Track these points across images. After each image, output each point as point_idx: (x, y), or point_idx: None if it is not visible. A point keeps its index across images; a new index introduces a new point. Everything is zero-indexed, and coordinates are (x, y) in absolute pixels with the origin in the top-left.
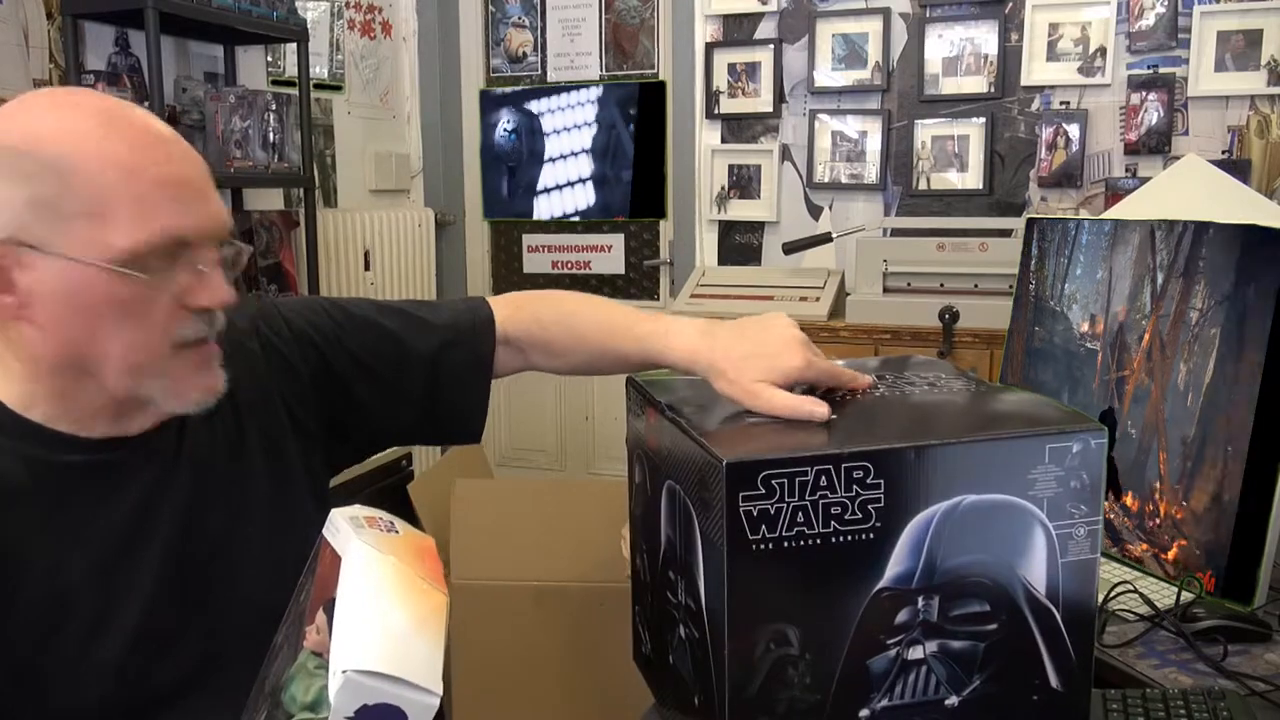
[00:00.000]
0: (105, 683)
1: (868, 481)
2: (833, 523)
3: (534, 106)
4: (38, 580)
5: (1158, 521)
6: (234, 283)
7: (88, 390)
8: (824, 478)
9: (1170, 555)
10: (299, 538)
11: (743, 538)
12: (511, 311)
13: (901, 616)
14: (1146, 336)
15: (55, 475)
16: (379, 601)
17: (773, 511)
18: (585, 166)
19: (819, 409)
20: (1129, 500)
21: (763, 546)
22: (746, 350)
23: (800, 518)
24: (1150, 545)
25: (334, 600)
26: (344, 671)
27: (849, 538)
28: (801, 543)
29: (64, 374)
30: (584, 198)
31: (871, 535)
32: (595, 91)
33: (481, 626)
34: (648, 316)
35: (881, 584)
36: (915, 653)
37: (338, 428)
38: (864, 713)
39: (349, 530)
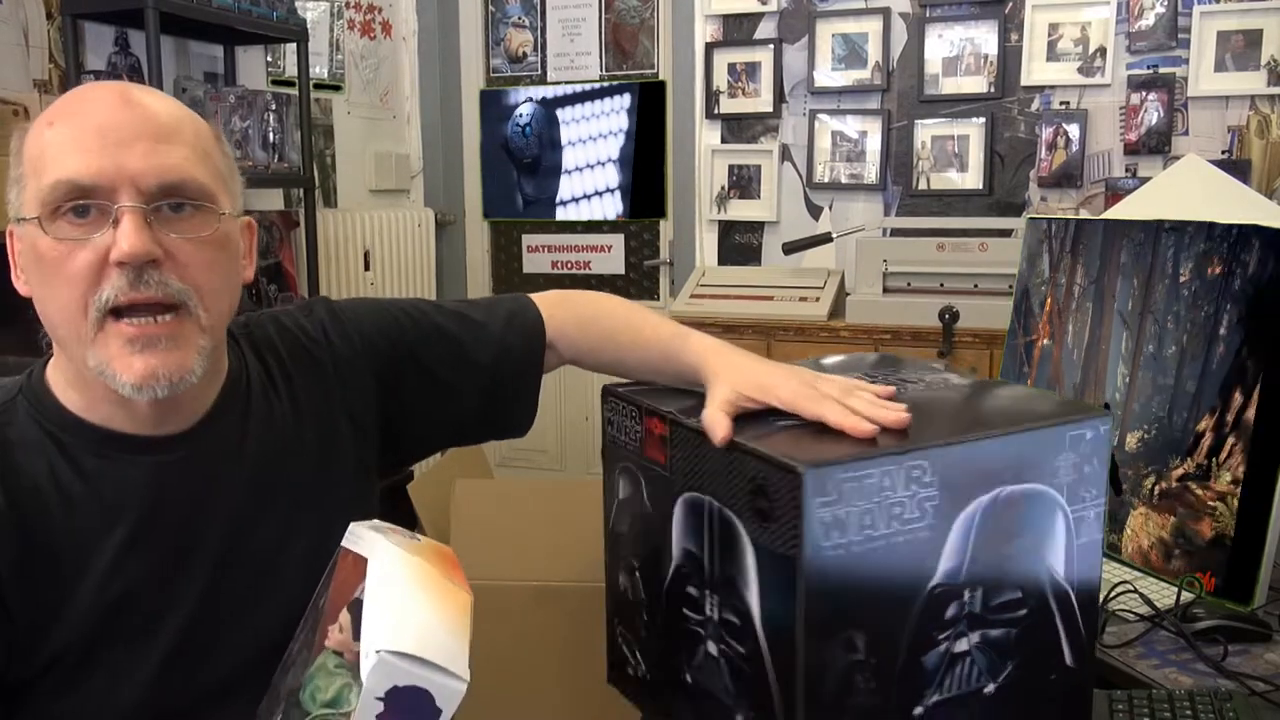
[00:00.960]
0: (147, 686)
1: (924, 479)
2: (894, 523)
3: (538, 106)
4: (96, 586)
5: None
6: (190, 255)
7: (72, 368)
8: (887, 478)
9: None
10: (333, 544)
11: (816, 545)
12: (555, 311)
13: (950, 611)
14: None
15: (114, 479)
16: (408, 593)
17: (844, 516)
18: (584, 166)
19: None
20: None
21: (834, 553)
22: (753, 363)
23: (867, 520)
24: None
25: (359, 600)
26: (377, 652)
27: (908, 536)
28: (868, 545)
29: (58, 348)
30: (595, 199)
31: (927, 532)
32: (594, 90)
33: (481, 626)
34: (673, 323)
35: (935, 580)
36: (961, 645)
37: (393, 430)
38: (918, 710)
39: (374, 535)
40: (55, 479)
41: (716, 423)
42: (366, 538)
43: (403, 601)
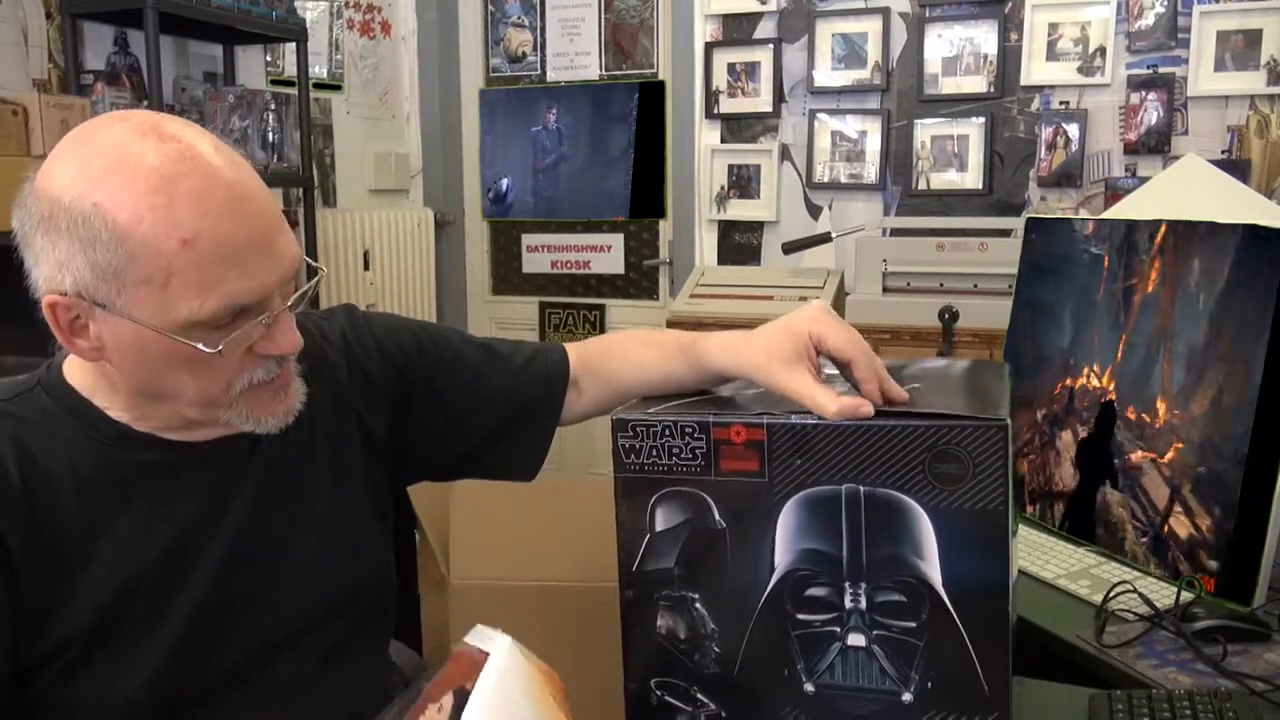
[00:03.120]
0: (150, 676)
1: None
2: None
3: (535, 105)
4: (104, 571)
5: (1158, 428)
6: (311, 301)
7: (164, 410)
8: None
9: (1167, 458)
10: (351, 548)
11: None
12: (580, 349)
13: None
14: (1158, 238)
15: (128, 470)
16: (518, 698)
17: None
18: (585, 167)
19: (865, 408)
20: (1130, 413)
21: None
22: (765, 336)
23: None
24: (1148, 451)
25: (466, 690)
26: None
27: None
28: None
29: (143, 399)
30: (589, 197)
31: None
32: (594, 90)
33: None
34: (687, 333)
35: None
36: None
37: (403, 445)
38: None
39: (501, 638)
40: (70, 466)
41: (840, 399)
42: (494, 638)
43: (513, 695)
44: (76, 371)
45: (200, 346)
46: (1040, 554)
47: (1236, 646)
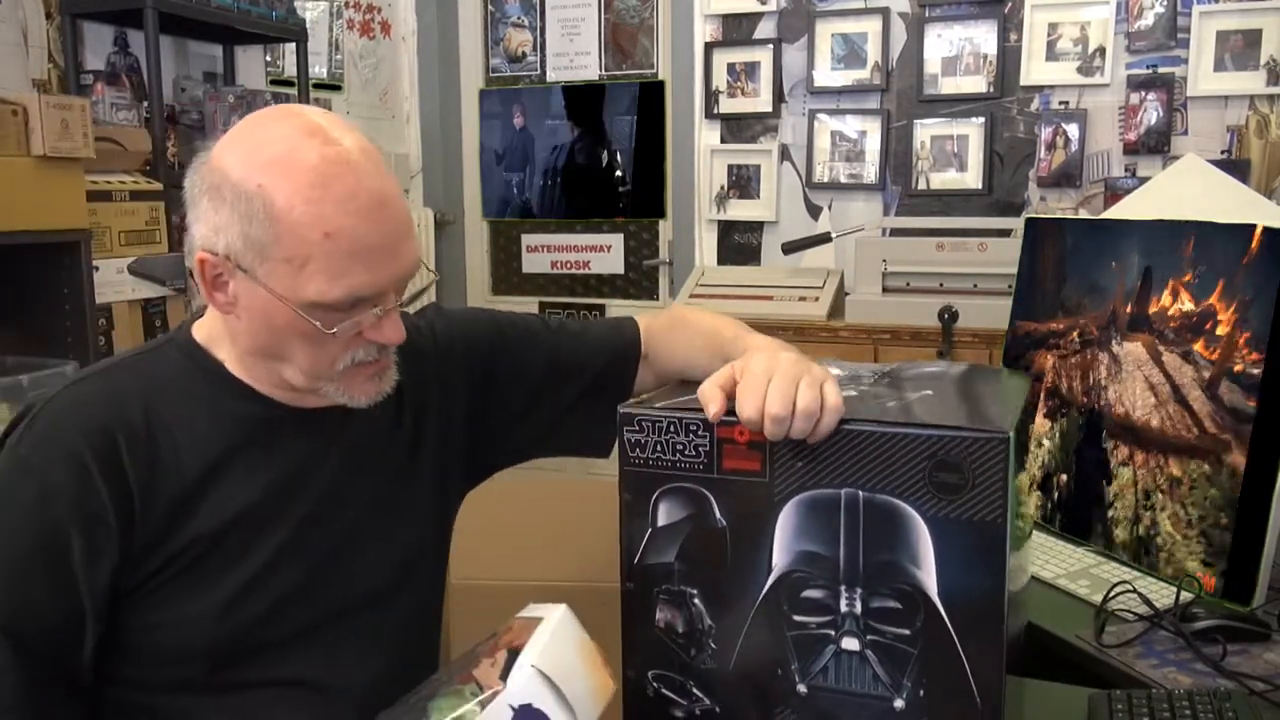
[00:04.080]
0: (219, 618)
1: None
2: None
3: (530, 105)
4: (208, 510)
5: (1156, 427)
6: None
7: (272, 373)
8: None
9: (1167, 458)
10: (414, 532)
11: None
12: (651, 321)
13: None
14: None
15: (239, 424)
16: (573, 648)
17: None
18: (585, 167)
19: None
20: (1130, 413)
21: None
22: (771, 352)
23: None
24: (1147, 450)
25: (518, 648)
26: (533, 665)
27: None
28: None
29: (256, 356)
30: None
31: None
32: (594, 90)
33: (481, 626)
34: (738, 329)
35: None
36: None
37: (482, 434)
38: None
39: (555, 607)
40: (189, 417)
41: (710, 396)
42: (547, 609)
43: (565, 648)
44: (202, 333)
45: (318, 325)
46: (1040, 554)
47: (1236, 646)
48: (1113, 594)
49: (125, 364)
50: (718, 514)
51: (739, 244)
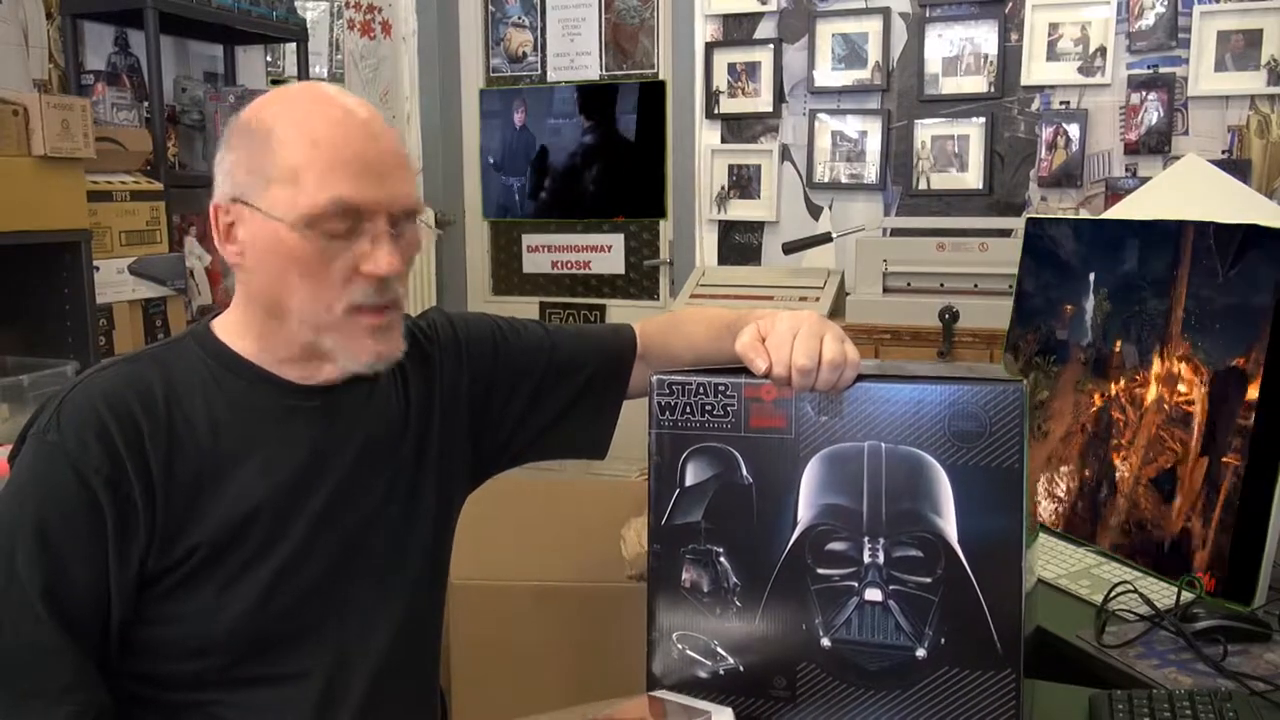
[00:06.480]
0: (249, 606)
1: None
2: None
3: (530, 105)
4: (230, 497)
5: (1157, 428)
6: (407, 261)
7: (280, 335)
8: None
9: (1167, 459)
10: (420, 529)
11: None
12: (645, 325)
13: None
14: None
15: (258, 413)
16: None
17: None
18: (586, 167)
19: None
20: (1130, 413)
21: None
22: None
23: None
24: (1147, 450)
25: None
26: None
27: None
28: None
29: (265, 316)
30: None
31: None
32: (594, 90)
33: (481, 626)
34: (739, 312)
35: None
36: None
37: (483, 436)
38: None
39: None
40: (209, 406)
41: (755, 351)
42: (670, 697)
43: None
44: (221, 327)
45: (316, 235)
46: (1041, 554)
47: (1236, 646)
48: (1113, 594)
49: (146, 355)
50: (744, 471)
51: (739, 244)
